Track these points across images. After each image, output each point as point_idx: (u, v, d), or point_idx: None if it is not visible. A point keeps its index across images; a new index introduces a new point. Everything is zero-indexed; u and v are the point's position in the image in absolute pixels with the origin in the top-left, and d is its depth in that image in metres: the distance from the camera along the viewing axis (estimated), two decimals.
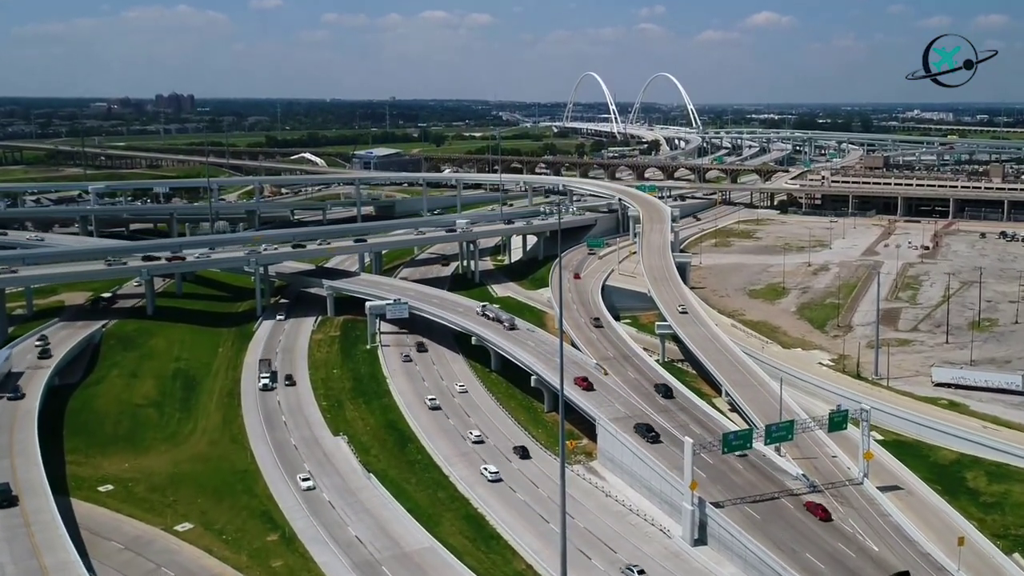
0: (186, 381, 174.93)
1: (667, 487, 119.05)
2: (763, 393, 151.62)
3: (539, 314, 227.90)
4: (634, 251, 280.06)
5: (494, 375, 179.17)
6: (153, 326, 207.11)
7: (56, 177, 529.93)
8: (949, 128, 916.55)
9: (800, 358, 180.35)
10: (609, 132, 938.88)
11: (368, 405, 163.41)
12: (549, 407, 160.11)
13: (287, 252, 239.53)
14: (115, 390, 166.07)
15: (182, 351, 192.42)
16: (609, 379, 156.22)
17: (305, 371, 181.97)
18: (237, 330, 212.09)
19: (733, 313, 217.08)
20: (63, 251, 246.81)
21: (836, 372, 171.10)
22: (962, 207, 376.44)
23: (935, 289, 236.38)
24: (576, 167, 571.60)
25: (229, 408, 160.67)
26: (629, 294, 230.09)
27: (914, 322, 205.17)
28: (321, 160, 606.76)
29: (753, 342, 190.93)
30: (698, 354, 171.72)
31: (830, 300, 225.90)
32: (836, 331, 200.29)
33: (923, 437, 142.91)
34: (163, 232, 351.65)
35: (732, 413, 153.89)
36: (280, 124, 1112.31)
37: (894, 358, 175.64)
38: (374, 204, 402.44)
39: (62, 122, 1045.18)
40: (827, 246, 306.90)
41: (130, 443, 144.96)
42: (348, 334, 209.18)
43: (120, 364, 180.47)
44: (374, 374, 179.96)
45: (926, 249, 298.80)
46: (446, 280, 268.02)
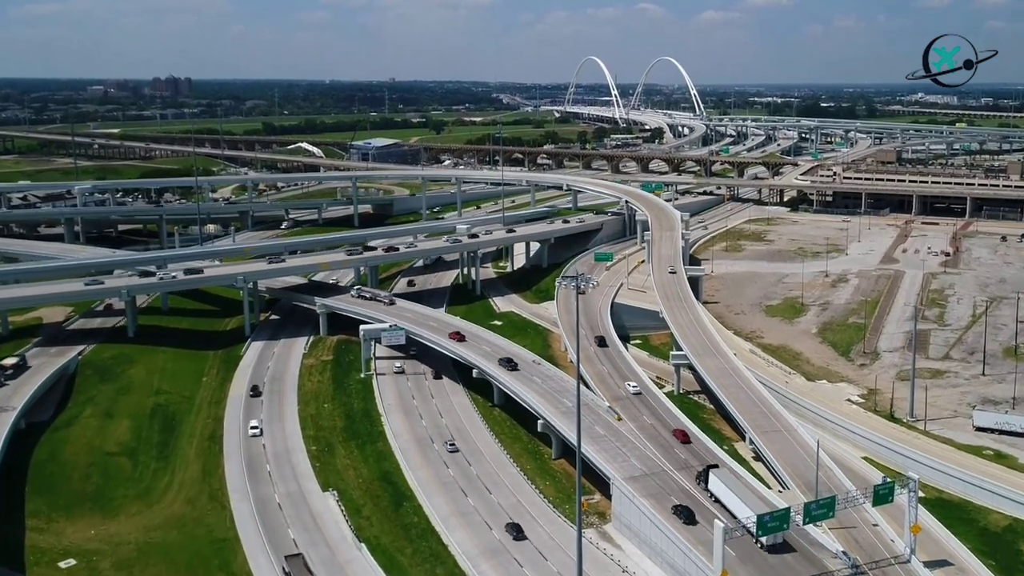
0: (165, 420, 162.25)
1: (692, 567, 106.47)
2: (791, 442, 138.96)
3: (544, 334, 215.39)
4: (643, 259, 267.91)
5: (497, 411, 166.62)
6: (134, 351, 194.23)
7: (47, 169, 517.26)
8: (955, 113, 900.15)
9: (826, 394, 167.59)
10: (611, 118, 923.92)
11: (361, 450, 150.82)
12: (557, 453, 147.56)
13: (277, 268, 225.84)
14: (87, 434, 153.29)
15: (163, 382, 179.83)
16: (623, 425, 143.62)
17: (294, 405, 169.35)
18: (224, 354, 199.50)
19: (751, 335, 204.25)
20: (41, 268, 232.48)
21: (867, 412, 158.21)
22: (979, 206, 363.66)
23: (963, 307, 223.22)
24: (579, 158, 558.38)
25: (210, 455, 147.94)
26: (639, 312, 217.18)
27: (945, 348, 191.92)
28: (318, 150, 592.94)
29: (774, 372, 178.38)
30: (719, 392, 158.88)
31: (852, 320, 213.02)
32: (862, 358, 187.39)
33: (969, 496, 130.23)
34: (153, 232, 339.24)
35: (756, 463, 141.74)
36: (278, 109, 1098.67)
37: (927, 393, 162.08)
38: (372, 202, 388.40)
39: (58, 107, 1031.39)
40: (843, 251, 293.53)
41: (98, 503, 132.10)
42: (341, 358, 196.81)
43: (95, 400, 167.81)
44: (368, 411, 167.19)
45: (947, 256, 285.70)
46: (445, 292, 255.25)
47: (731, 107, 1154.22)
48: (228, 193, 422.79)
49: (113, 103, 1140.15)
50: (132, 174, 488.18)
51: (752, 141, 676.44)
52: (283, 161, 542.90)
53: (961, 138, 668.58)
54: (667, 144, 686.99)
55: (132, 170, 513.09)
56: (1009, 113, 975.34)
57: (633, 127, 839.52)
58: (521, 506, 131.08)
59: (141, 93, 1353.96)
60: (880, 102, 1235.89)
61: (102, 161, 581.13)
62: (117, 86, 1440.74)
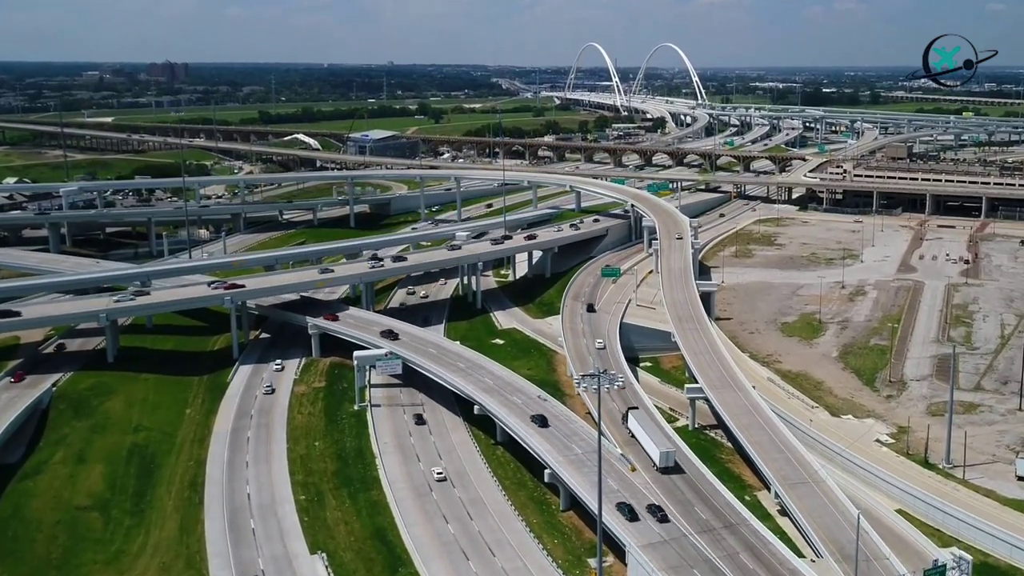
0: (143, 463, 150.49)
1: None
2: (822, 498, 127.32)
3: (548, 355, 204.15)
4: (651, 269, 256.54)
5: (500, 450, 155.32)
6: (113, 379, 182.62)
7: (37, 164, 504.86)
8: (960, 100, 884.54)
9: (853, 432, 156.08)
10: (612, 105, 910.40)
11: (353, 500, 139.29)
12: (565, 505, 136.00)
13: (267, 288, 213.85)
14: (56, 484, 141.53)
15: (143, 416, 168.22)
16: (638, 477, 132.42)
17: (283, 443, 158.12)
18: (210, 380, 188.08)
19: (768, 360, 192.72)
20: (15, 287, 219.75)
21: (899, 456, 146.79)
22: (995, 206, 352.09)
23: (990, 325, 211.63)
24: (581, 151, 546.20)
25: (189, 507, 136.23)
26: (649, 333, 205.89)
27: (976, 376, 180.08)
28: (314, 141, 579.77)
29: (796, 406, 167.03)
30: (739, 435, 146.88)
31: (875, 341, 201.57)
32: (888, 388, 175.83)
33: (1016, 561, 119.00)
34: (142, 234, 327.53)
35: (783, 518, 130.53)
36: (275, 96, 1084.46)
37: (961, 431, 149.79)
38: (368, 202, 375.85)
39: (53, 93, 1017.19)
40: (857, 257, 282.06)
41: (64, 572, 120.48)
42: (334, 385, 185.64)
43: (67, 440, 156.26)
44: (361, 451, 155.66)
45: (966, 264, 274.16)
46: (445, 305, 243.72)
47: (733, 93, 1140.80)
48: (221, 191, 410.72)
49: (108, 90, 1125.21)
50: (124, 168, 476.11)
51: (756, 132, 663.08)
52: (278, 154, 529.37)
53: (969, 129, 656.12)
54: (670, 134, 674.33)
55: (124, 164, 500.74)
56: (1014, 100, 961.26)
57: (635, 115, 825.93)
58: (527, 571, 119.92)
59: (137, 79, 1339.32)
60: (883, 87, 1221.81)
61: (93, 154, 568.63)
62: (113, 72, 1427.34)
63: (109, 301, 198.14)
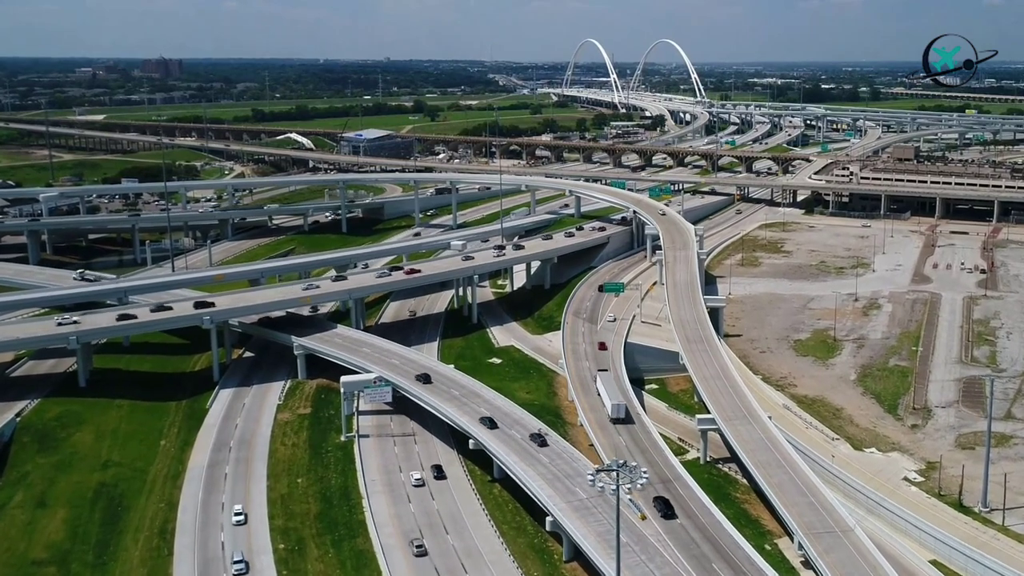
0: (109, 506, 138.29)
1: None
2: (850, 551, 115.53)
3: (549, 376, 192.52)
4: (655, 281, 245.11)
5: (497, 489, 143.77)
6: (84, 407, 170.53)
7: (23, 165, 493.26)
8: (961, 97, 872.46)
9: (878, 468, 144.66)
10: (610, 102, 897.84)
11: (337, 549, 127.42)
12: (568, 555, 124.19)
13: (251, 306, 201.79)
14: (12, 533, 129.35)
15: (113, 450, 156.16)
16: (649, 528, 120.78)
17: (263, 481, 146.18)
18: (188, 406, 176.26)
19: (781, 383, 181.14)
20: None
21: (930, 497, 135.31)
22: (1007, 209, 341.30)
23: (1015, 344, 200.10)
24: (579, 151, 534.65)
25: (157, 560, 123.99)
26: (655, 353, 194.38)
27: (1005, 403, 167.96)
28: (308, 141, 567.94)
29: (815, 437, 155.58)
30: (758, 477, 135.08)
31: (894, 362, 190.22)
32: (912, 416, 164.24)
33: None
34: (127, 240, 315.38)
35: (807, 570, 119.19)
36: (269, 92, 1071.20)
37: (994, 467, 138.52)
38: (361, 207, 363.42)
39: (44, 90, 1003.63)
40: (869, 266, 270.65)
41: None
42: (320, 411, 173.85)
43: (29, 480, 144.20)
44: (347, 490, 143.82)
45: (983, 273, 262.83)
46: (439, 319, 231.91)
47: (732, 89, 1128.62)
48: (211, 194, 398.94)
49: (101, 86, 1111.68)
50: (112, 169, 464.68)
51: (757, 131, 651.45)
52: (271, 154, 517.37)
53: (973, 127, 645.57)
54: (669, 132, 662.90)
55: (112, 164, 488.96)
56: (1016, 97, 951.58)
57: (633, 113, 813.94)
58: None
59: (131, 76, 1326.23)
60: (882, 83, 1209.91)
61: (82, 154, 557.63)
62: (107, 68, 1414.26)
63: (79, 326, 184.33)
